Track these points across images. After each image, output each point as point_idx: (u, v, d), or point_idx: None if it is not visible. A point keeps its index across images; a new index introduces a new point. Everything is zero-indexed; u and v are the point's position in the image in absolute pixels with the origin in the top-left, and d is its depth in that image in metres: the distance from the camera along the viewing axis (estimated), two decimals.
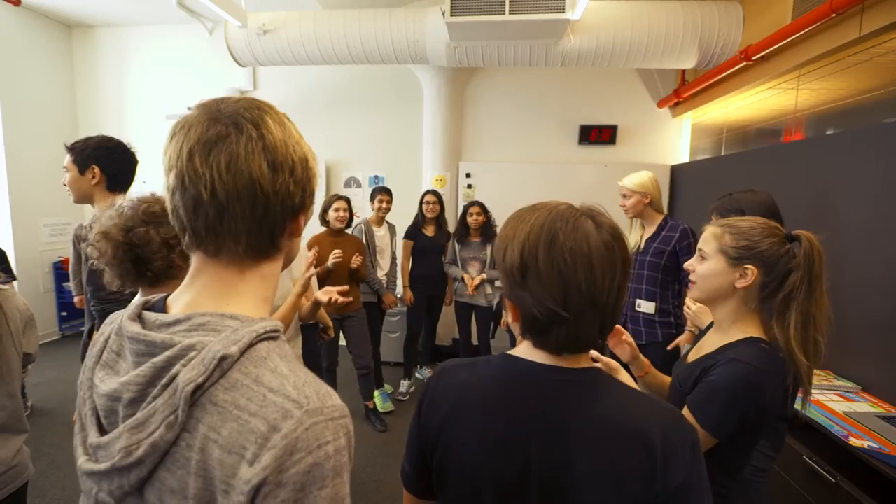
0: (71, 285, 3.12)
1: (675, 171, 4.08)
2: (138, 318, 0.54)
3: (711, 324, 1.16)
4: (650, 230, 2.33)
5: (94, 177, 1.66)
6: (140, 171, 1.79)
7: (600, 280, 0.60)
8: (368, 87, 4.47)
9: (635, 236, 2.38)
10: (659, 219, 2.33)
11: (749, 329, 1.01)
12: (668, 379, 1.20)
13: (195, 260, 0.56)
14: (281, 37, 3.42)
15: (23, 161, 4.21)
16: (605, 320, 0.63)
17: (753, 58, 2.76)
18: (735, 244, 1.02)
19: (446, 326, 4.25)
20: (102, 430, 0.52)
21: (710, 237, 1.07)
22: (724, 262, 1.03)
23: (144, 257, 1.01)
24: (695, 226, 2.08)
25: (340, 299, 1.78)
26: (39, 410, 3.21)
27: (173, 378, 0.48)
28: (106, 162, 1.68)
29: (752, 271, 1.00)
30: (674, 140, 4.25)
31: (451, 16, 2.93)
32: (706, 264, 1.06)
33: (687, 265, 1.13)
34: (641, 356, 1.19)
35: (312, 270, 1.79)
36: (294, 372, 0.50)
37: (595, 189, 4.14)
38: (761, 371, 0.92)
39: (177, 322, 0.51)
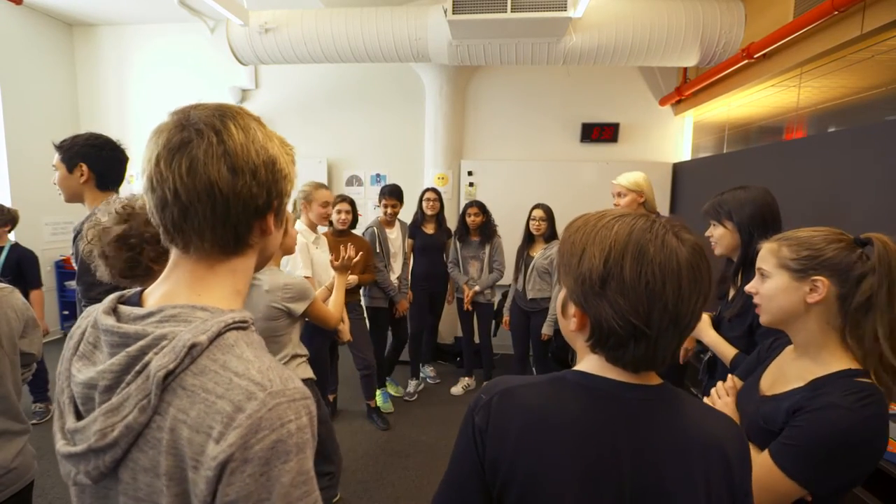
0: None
1: (677, 168, 4.08)
2: (113, 311, 0.58)
3: (783, 341, 1.06)
4: None
5: (82, 175, 1.64)
6: (140, 169, 1.79)
7: (687, 299, 0.59)
8: (370, 86, 4.47)
9: None
10: None
11: (839, 353, 0.90)
12: None
13: (172, 255, 0.61)
14: (283, 35, 3.42)
15: (24, 160, 4.22)
16: (681, 340, 0.62)
17: (755, 56, 2.76)
18: (796, 255, 0.93)
19: (448, 324, 4.26)
20: (79, 416, 0.56)
21: (768, 254, 0.99)
22: (788, 277, 0.93)
23: (140, 252, 1.00)
24: (697, 224, 2.07)
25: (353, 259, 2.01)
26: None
27: (146, 365, 0.51)
28: (93, 160, 1.65)
29: (822, 283, 0.89)
30: (675, 138, 4.24)
31: (453, 14, 2.93)
32: (768, 283, 0.98)
33: (748, 288, 1.03)
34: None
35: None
36: (259, 357, 0.54)
37: (597, 187, 4.13)
38: (866, 417, 0.81)
39: (149, 314, 0.55)
